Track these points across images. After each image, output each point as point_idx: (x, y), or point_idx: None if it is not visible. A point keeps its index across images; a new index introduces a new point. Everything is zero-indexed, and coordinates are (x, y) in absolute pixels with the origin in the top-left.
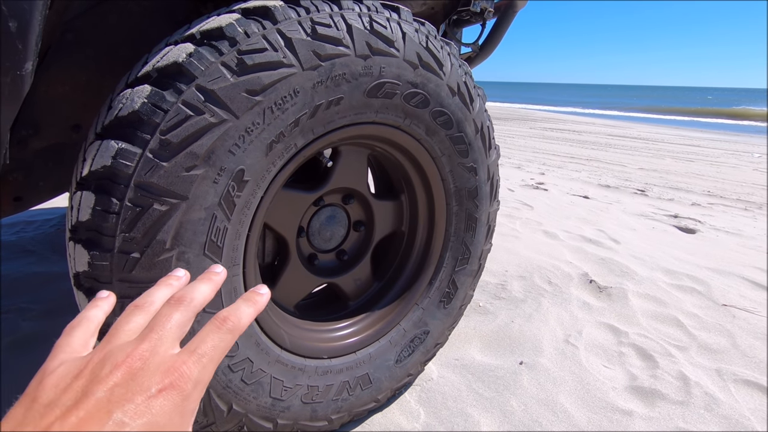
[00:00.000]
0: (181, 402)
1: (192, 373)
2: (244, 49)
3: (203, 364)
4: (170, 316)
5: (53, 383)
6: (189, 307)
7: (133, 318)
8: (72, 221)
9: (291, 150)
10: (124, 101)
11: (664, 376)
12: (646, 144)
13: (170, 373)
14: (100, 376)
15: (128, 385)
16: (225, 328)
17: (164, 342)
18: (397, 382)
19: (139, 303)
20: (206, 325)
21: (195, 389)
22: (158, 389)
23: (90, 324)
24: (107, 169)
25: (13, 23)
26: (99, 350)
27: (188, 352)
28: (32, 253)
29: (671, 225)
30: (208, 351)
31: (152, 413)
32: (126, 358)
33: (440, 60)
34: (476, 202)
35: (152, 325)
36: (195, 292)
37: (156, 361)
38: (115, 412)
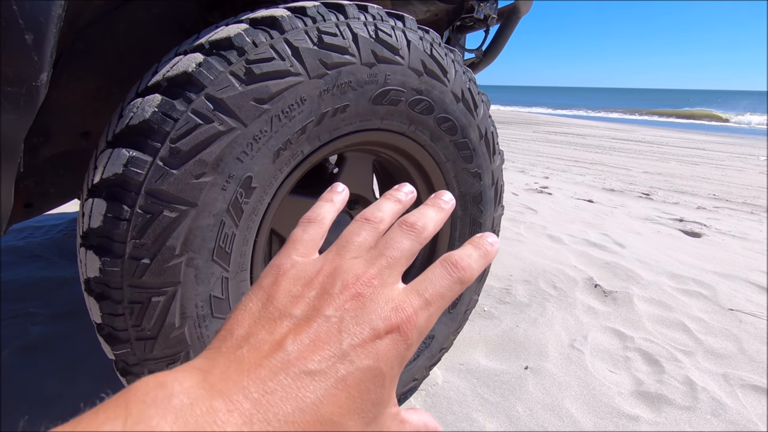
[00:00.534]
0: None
1: (419, 320)
2: (252, 58)
3: (430, 313)
4: (401, 243)
5: (287, 287)
6: (419, 237)
7: (362, 232)
8: (83, 228)
9: (298, 157)
10: (135, 110)
11: (670, 381)
12: (651, 147)
13: (398, 313)
14: (331, 293)
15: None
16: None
17: (392, 272)
18: (403, 386)
19: (370, 216)
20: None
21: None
22: (386, 328)
23: (324, 222)
24: (118, 176)
25: (29, 36)
26: (329, 261)
27: (417, 293)
28: (40, 257)
29: (676, 229)
30: (435, 298)
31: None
32: (356, 281)
33: (444, 67)
34: (481, 207)
35: (382, 249)
36: (428, 220)
37: (385, 293)
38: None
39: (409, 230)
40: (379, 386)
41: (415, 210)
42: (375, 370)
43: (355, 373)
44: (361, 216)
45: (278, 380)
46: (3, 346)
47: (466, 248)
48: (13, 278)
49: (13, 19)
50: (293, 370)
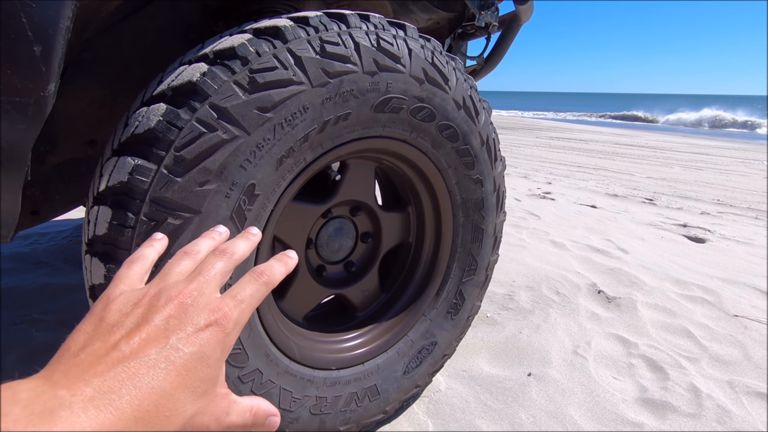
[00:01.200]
0: (223, 338)
1: (233, 314)
2: (256, 67)
3: (242, 309)
4: (215, 264)
5: (117, 308)
6: (231, 259)
7: (182, 262)
8: (89, 235)
9: (300, 164)
10: (140, 119)
11: (674, 388)
12: (654, 152)
13: (215, 312)
14: (157, 306)
15: (181, 317)
16: (261, 281)
17: (209, 285)
18: (405, 393)
19: (188, 250)
20: (245, 277)
21: (234, 329)
22: (205, 323)
23: (146, 261)
24: (124, 184)
25: (38, 47)
26: (154, 285)
27: (230, 296)
28: (45, 264)
29: (680, 234)
30: (246, 298)
31: (200, 343)
32: (178, 294)
33: (446, 75)
34: (483, 213)
35: (200, 270)
36: (236, 247)
37: (203, 300)
38: (170, 337)
39: (221, 254)
40: (205, 365)
41: (228, 241)
42: (200, 353)
43: (183, 356)
44: (181, 251)
45: (115, 371)
46: (7, 353)
47: (270, 261)
48: (18, 284)
49: (23, 31)
50: (128, 363)
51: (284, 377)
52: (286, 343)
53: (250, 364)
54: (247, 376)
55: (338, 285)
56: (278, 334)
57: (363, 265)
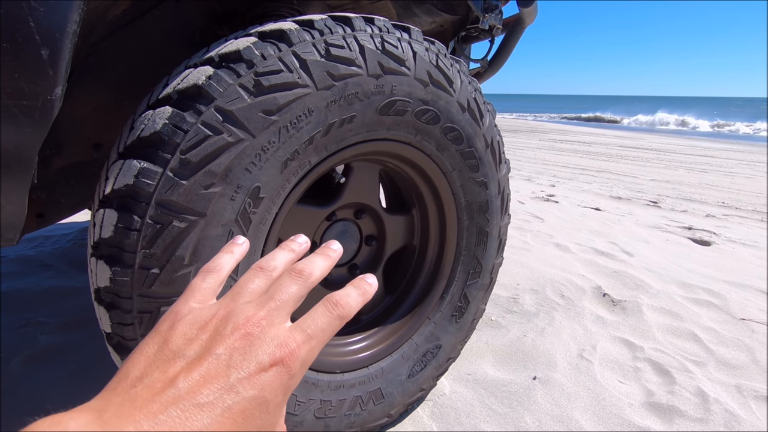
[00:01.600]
0: (288, 380)
1: (301, 353)
2: (261, 70)
3: (311, 346)
4: (289, 287)
5: (182, 331)
6: (307, 282)
7: (256, 280)
8: (94, 238)
9: (305, 167)
10: (146, 122)
11: (681, 392)
12: (658, 155)
13: (282, 348)
14: (223, 334)
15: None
16: (335, 314)
17: (280, 313)
18: (410, 396)
19: (264, 266)
20: (318, 306)
21: (301, 369)
22: (270, 362)
23: (222, 272)
24: (129, 187)
25: (45, 51)
26: (223, 306)
27: (300, 330)
28: (50, 267)
29: (685, 237)
30: (317, 333)
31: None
32: (246, 322)
33: (450, 77)
34: (487, 216)
35: (272, 293)
36: (313, 267)
37: (271, 332)
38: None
39: (297, 276)
40: (263, 412)
41: (305, 258)
42: (259, 399)
43: (240, 402)
44: (256, 265)
45: (168, 413)
46: (12, 355)
47: (347, 288)
48: (22, 287)
49: (30, 35)
50: (183, 403)
51: None
52: None
53: None
54: None
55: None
56: None
57: (367, 268)
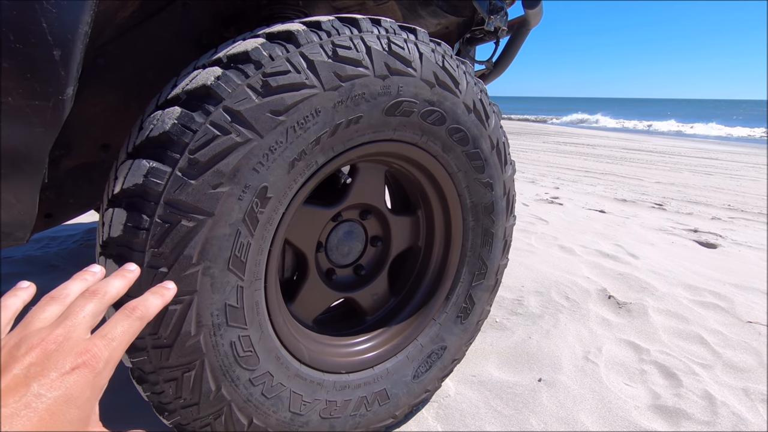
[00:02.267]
0: (93, 378)
1: (103, 354)
2: (269, 71)
3: (113, 347)
4: (84, 306)
5: None
6: (102, 300)
7: (48, 308)
8: (103, 237)
9: (312, 167)
10: (155, 122)
11: (688, 395)
12: (663, 157)
13: (83, 354)
14: (16, 356)
15: (43, 363)
16: (134, 316)
17: (77, 329)
18: (415, 398)
19: (55, 295)
20: (116, 313)
21: (105, 368)
22: (72, 367)
23: (7, 312)
24: (139, 187)
25: (57, 52)
26: (14, 335)
27: (100, 336)
28: (56, 267)
29: (691, 239)
30: (117, 335)
31: (66, 387)
32: (41, 342)
33: (456, 78)
34: (492, 217)
35: (67, 314)
36: (108, 286)
37: (69, 344)
38: (32, 385)
39: (91, 296)
40: (73, 407)
41: (102, 280)
42: (66, 396)
43: (46, 402)
44: (47, 296)
45: None
46: None
47: (145, 295)
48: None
49: (43, 36)
50: None
51: (294, 380)
52: (297, 347)
53: (260, 366)
54: (257, 379)
55: (348, 288)
56: (288, 337)
57: (372, 269)
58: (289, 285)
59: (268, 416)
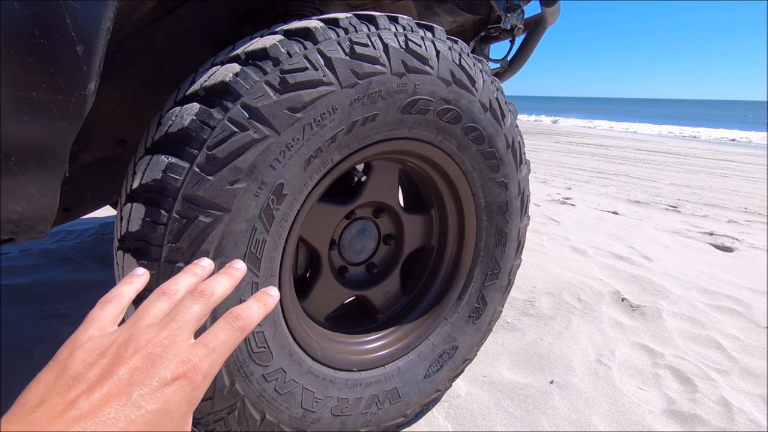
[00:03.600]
0: (191, 392)
1: (203, 366)
2: (287, 68)
3: (213, 359)
4: (191, 308)
5: (82, 357)
6: (209, 301)
7: (158, 303)
8: (121, 231)
9: (327, 165)
10: (174, 118)
11: (704, 400)
12: (677, 159)
13: (184, 364)
14: (124, 356)
15: (147, 369)
16: (236, 326)
17: (182, 332)
18: (426, 397)
19: (166, 290)
20: (219, 321)
21: (204, 381)
22: (172, 377)
23: (121, 301)
24: (157, 182)
25: (80, 47)
26: (124, 331)
27: (202, 345)
28: (72, 261)
29: (706, 242)
30: (219, 346)
31: (165, 399)
32: (147, 343)
33: (473, 77)
34: (507, 217)
35: (174, 314)
36: (215, 287)
37: (173, 350)
38: (134, 392)
39: (199, 296)
40: (168, 422)
41: (209, 278)
42: (163, 411)
43: (144, 415)
44: (158, 290)
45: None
46: (35, 346)
47: (249, 302)
48: (45, 280)
49: (66, 32)
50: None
51: (307, 377)
52: (309, 343)
53: (274, 362)
54: (270, 375)
55: (360, 286)
56: (301, 334)
57: (385, 267)
58: (302, 282)
59: (280, 412)
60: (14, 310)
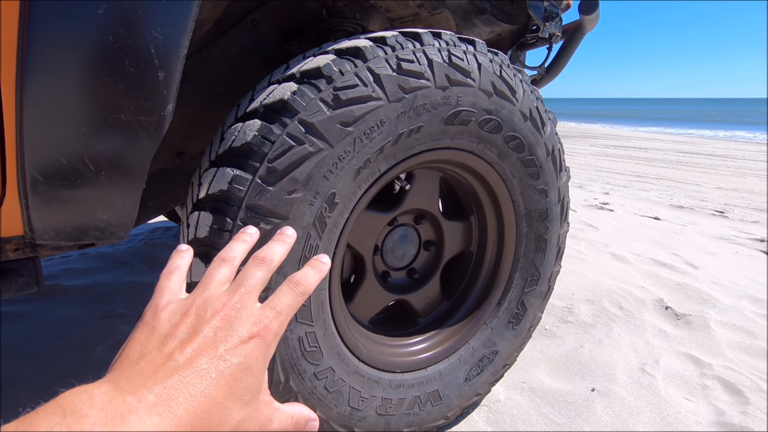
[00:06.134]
0: (265, 348)
1: (273, 326)
2: (339, 85)
3: (281, 320)
4: (254, 273)
5: (167, 318)
6: (269, 267)
7: (221, 269)
8: (188, 237)
9: (375, 174)
10: (237, 133)
11: (756, 413)
12: (724, 161)
13: (257, 324)
14: (205, 317)
15: (227, 329)
16: (298, 291)
17: (250, 296)
18: (466, 400)
19: (225, 256)
20: (282, 286)
21: (274, 339)
22: (249, 335)
23: (181, 271)
24: (223, 192)
25: (162, 73)
26: (199, 295)
27: (270, 307)
28: (126, 264)
29: (757, 249)
30: (284, 309)
31: (245, 354)
32: (222, 306)
33: (513, 87)
34: (546, 223)
35: (240, 280)
36: (274, 253)
37: (246, 312)
38: (219, 347)
39: (260, 263)
40: (249, 375)
41: (265, 246)
42: (244, 364)
43: (230, 367)
44: (218, 257)
45: (172, 380)
46: (97, 342)
47: (305, 269)
48: (103, 281)
49: (151, 60)
50: (183, 371)
51: (354, 377)
52: (356, 345)
53: (324, 362)
54: (321, 373)
55: (402, 291)
56: (348, 336)
57: (425, 272)
58: (348, 286)
59: (329, 409)
60: (78, 309)
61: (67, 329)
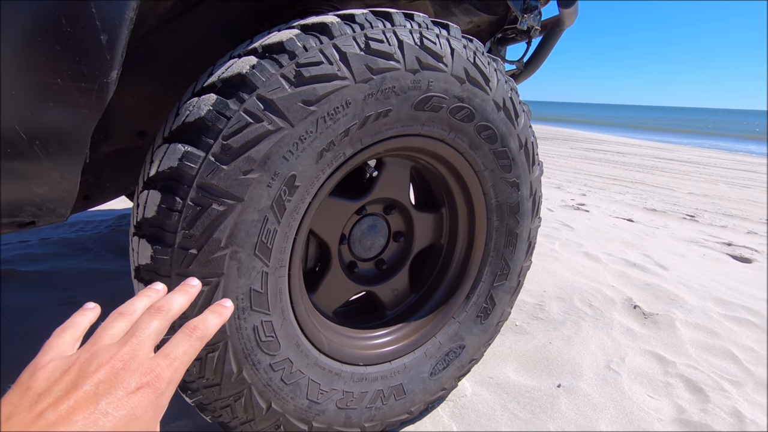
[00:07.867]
0: (156, 399)
1: (166, 375)
2: (302, 62)
3: (175, 368)
4: (149, 323)
5: (45, 376)
6: (166, 316)
7: (116, 324)
8: (137, 218)
9: (339, 158)
10: (191, 108)
11: (715, 411)
12: (697, 168)
13: (147, 374)
14: (87, 372)
15: (111, 381)
16: (194, 336)
17: (143, 346)
18: (431, 395)
19: (123, 310)
20: (178, 333)
21: (167, 388)
22: (137, 386)
23: (77, 329)
24: (173, 170)
25: (104, 36)
26: (86, 350)
27: (163, 356)
28: (90, 250)
29: (724, 253)
30: (179, 356)
31: (131, 406)
32: (110, 359)
33: (487, 75)
34: (517, 217)
35: (133, 331)
36: (172, 303)
37: (135, 363)
38: (100, 402)
39: (156, 312)
40: (136, 427)
41: (165, 296)
42: (130, 416)
43: (112, 420)
44: (115, 312)
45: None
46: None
47: (204, 314)
48: (64, 268)
49: (92, 21)
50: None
51: (313, 369)
52: (317, 336)
53: (281, 352)
54: (278, 365)
55: (369, 282)
56: (309, 326)
57: (394, 264)
58: (312, 275)
59: (286, 402)
60: (34, 296)
61: (19, 316)
